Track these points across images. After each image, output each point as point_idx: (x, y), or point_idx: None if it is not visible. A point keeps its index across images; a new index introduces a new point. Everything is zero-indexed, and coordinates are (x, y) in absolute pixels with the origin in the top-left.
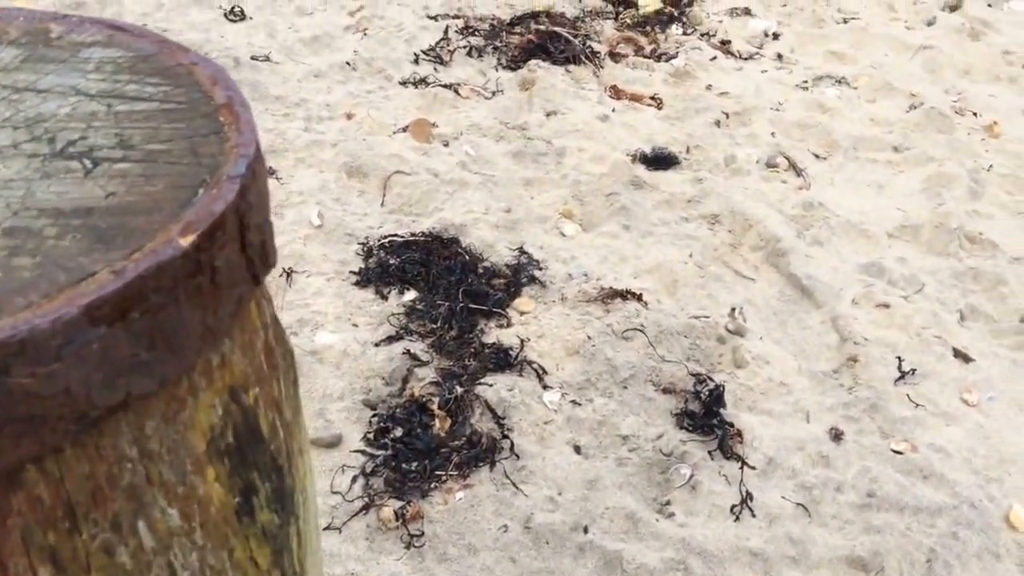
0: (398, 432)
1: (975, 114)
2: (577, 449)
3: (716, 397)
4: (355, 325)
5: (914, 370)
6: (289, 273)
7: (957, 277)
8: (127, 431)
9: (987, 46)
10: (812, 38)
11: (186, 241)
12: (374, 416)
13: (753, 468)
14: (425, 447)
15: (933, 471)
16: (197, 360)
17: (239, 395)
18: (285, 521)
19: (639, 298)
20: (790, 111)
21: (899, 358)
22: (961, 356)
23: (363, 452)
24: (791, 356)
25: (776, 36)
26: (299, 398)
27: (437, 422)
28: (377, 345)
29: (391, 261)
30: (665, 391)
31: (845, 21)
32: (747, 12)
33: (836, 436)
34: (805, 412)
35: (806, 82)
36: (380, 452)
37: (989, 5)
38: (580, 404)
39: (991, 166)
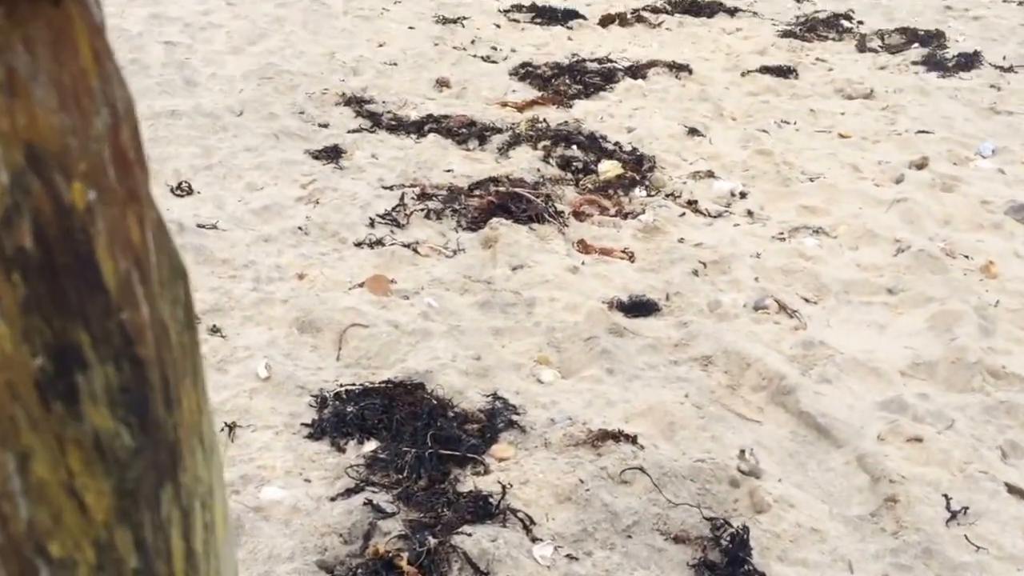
0: None
1: (967, 256)
2: None
3: (740, 543)
4: (307, 480)
5: (966, 509)
6: (231, 427)
7: (989, 412)
8: None
9: (963, 196)
10: (781, 195)
11: None
12: None
13: None
14: None
15: None
16: None
17: (44, 165)
18: (151, 452)
19: (634, 440)
20: (771, 259)
21: (946, 496)
22: (1017, 492)
23: None
24: (817, 500)
25: (743, 195)
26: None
27: None
28: (333, 499)
29: (349, 409)
30: (677, 540)
31: (812, 180)
32: (710, 175)
33: None
34: (847, 561)
35: (782, 233)
36: None
37: (954, 164)
38: (577, 558)
39: (998, 301)
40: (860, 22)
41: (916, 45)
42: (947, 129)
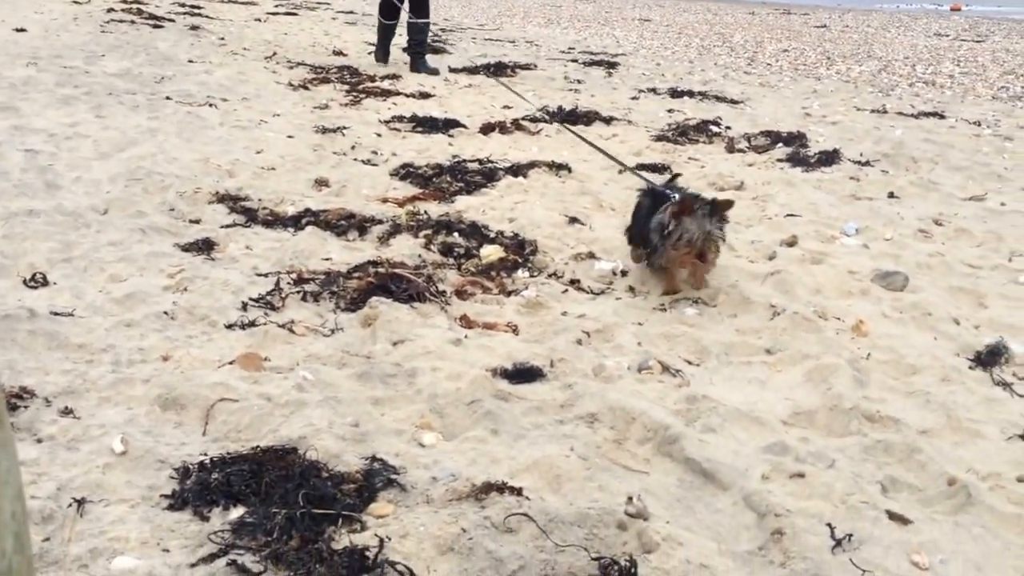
0: None
1: (838, 319)
2: None
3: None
4: (166, 550)
5: (850, 536)
6: (80, 502)
7: (867, 451)
8: None
9: (831, 267)
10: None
11: None
12: None
13: None
14: None
15: None
16: None
17: None
18: None
19: (519, 492)
20: (652, 327)
21: (830, 525)
22: (898, 519)
23: None
24: (706, 539)
25: (624, 273)
26: None
27: None
28: (194, 566)
29: (214, 476)
30: None
31: None
32: (592, 256)
33: None
34: None
35: (663, 305)
36: None
37: (822, 241)
38: None
39: (869, 355)
40: (728, 127)
41: (780, 145)
42: (813, 213)
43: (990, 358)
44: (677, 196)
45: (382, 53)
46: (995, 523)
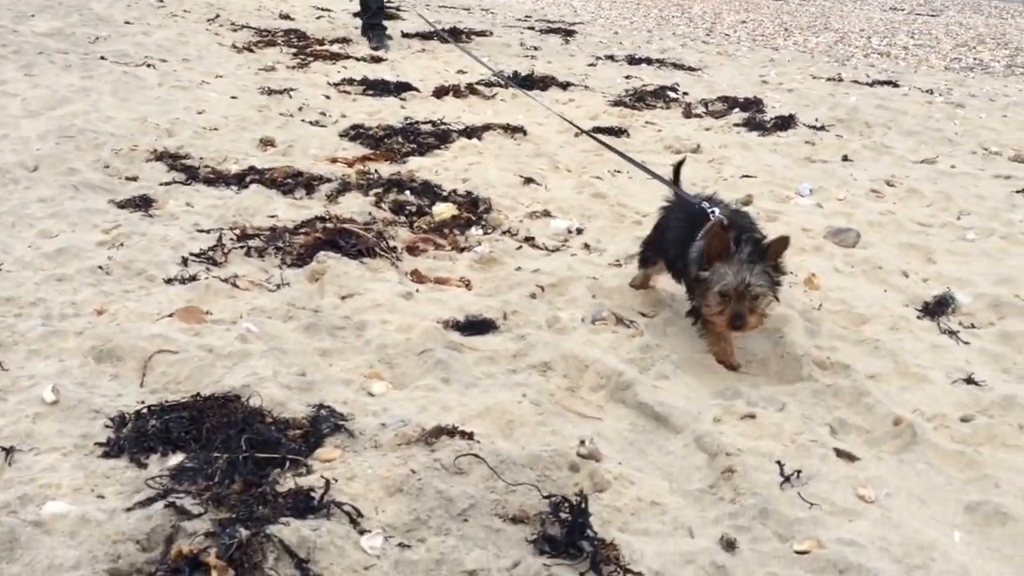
0: None
1: (792, 273)
2: None
3: (580, 512)
4: (100, 496)
5: (799, 472)
6: (9, 451)
7: (817, 396)
8: None
9: (785, 225)
10: (616, 230)
11: None
12: None
13: (640, 574)
14: None
15: (849, 564)
16: None
17: None
18: None
19: (470, 436)
20: (608, 281)
21: (779, 463)
22: (845, 456)
23: None
24: (658, 479)
25: (580, 231)
26: None
27: (215, 573)
28: (130, 510)
29: (152, 423)
30: (515, 520)
31: (645, 216)
32: (547, 214)
33: (729, 545)
34: (687, 528)
35: (618, 260)
36: None
37: (777, 201)
38: (410, 546)
39: (821, 305)
40: (685, 93)
41: (737, 110)
42: (769, 175)
43: (938, 308)
44: (718, 212)
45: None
46: (939, 459)
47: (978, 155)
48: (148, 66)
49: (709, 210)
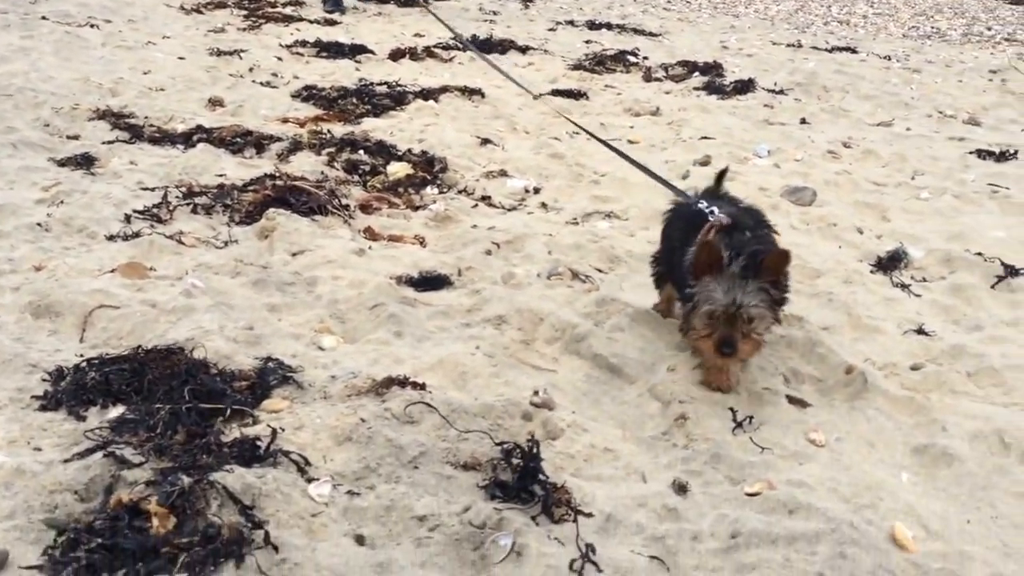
0: (96, 543)
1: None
2: (360, 539)
3: (532, 457)
4: (37, 448)
5: (750, 418)
6: None
7: (771, 347)
8: None
9: (743, 184)
10: (574, 189)
11: None
12: (61, 536)
13: (591, 515)
14: (138, 548)
15: (799, 504)
16: None
17: None
18: None
19: (422, 387)
20: (565, 239)
21: (732, 409)
22: (797, 402)
23: (40, 568)
24: (611, 427)
25: (537, 191)
26: None
27: (156, 520)
28: (68, 461)
29: (91, 376)
30: (467, 467)
31: (603, 176)
32: (504, 174)
33: (681, 489)
34: (640, 473)
35: (575, 219)
36: (69, 566)
37: (735, 162)
38: (359, 493)
39: None
40: (645, 58)
41: (697, 74)
42: (727, 137)
43: (890, 263)
44: (717, 212)
45: None
46: (888, 406)
47: (933, 118)
48: (92, 26)
49: (708, 210)
